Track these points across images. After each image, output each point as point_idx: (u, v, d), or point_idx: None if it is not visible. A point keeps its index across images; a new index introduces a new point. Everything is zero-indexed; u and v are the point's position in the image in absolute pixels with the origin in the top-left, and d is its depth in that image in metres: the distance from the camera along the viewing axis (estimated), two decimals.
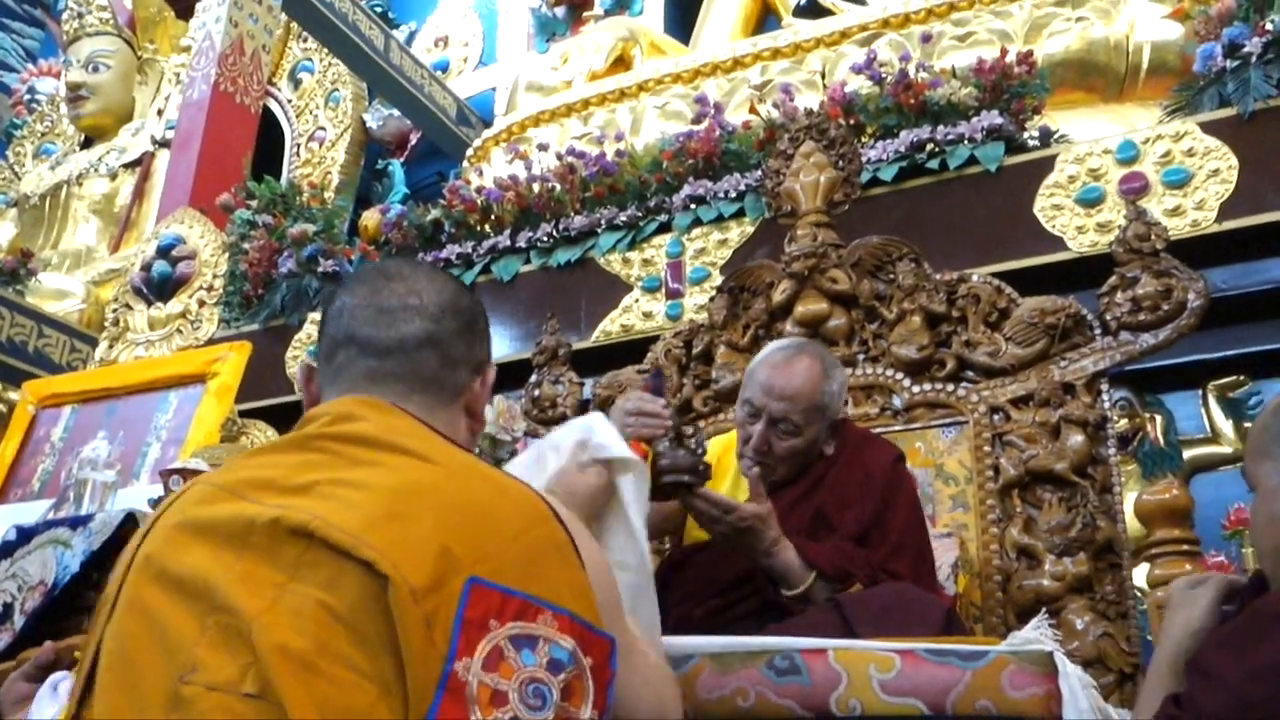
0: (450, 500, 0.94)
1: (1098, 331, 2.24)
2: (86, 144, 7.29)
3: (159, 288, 4.65)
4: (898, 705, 1.28)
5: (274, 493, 0.95)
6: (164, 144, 6.45)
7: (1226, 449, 3.29)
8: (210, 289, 4.55)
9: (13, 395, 5.20)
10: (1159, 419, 3.40)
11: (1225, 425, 3.31)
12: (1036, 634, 1.30)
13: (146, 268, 4.68)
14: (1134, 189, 3.20)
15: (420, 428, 1.07)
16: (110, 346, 4.67)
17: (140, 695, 0.86)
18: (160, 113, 6.85)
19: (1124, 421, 3.32)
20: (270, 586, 0.86)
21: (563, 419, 2.75)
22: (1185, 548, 1.54)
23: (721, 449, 2.13)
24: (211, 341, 4.40)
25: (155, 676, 0.86)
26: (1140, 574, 2.42)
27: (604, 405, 2.75)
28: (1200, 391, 3.40)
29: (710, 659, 1.39)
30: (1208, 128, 3.23)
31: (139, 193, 6.55)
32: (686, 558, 1.96)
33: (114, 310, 4.74)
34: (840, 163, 2.59)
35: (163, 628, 0.88)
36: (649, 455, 1.61)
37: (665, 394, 1.79)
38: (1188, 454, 3.34)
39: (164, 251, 4.69)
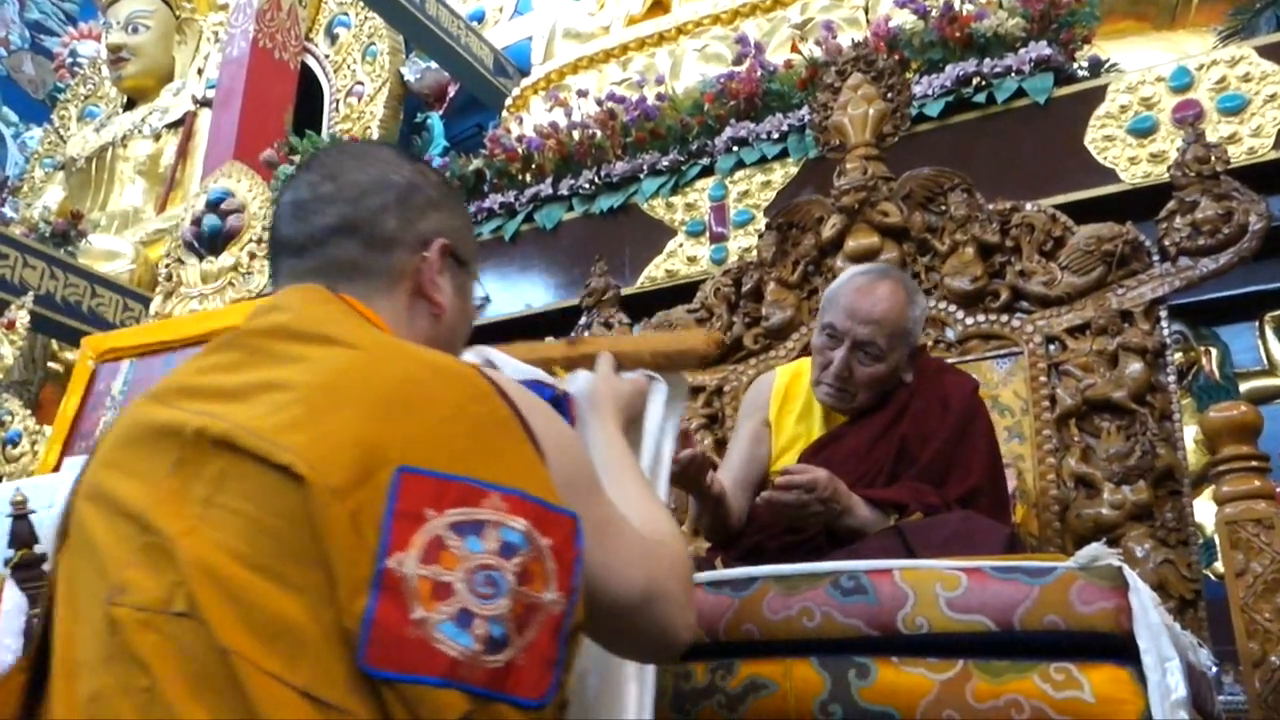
0: (375, 386, 0.87)
1: (1156, 258, 2.20)
2: (129, 105, 7.34)
3: (210, 241, 4.73)
4: (965, 622, 1.28)
5: (201, 399, 0.89)
6: (205, 103, 6.48)
7: None
8: (260, 241, 4.60)
9: (69, 355, 5.31)
10: (1214, 352, 3.35)
11: None
12: (1103, 550, 1.29)
13: (197, 222, 4.75)
14: (1188, 117, 3.13)
15: (349, 313, 1.00)
16: (164, 300, 4.75)
17: (83, 623, 0.82)
18: (200, 72, 6.87)
19: (1179, 355, 3.27)
20: (196, 503, 0.82)
21: None
22: (1255, 464, 1.52)
23: (790, 377, 2.12)
24: (263, 293, 4.44)
25: (92, 601, 0.81)
26: (1200, 505, 2.41)
27: None
28: (1257, 323, 3.35)
29: (775, 581, 1.40)
30: (1265, 52, 3.14)
31: (183, 152, 6.60)
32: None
33: (166, 265, 4.82)
34: (889, 94, 2.55)
35: (96, 549, 0.84)
36: None
37: None
38: (1244, 386, 3.29)
39: (213, 205, 4.76)
